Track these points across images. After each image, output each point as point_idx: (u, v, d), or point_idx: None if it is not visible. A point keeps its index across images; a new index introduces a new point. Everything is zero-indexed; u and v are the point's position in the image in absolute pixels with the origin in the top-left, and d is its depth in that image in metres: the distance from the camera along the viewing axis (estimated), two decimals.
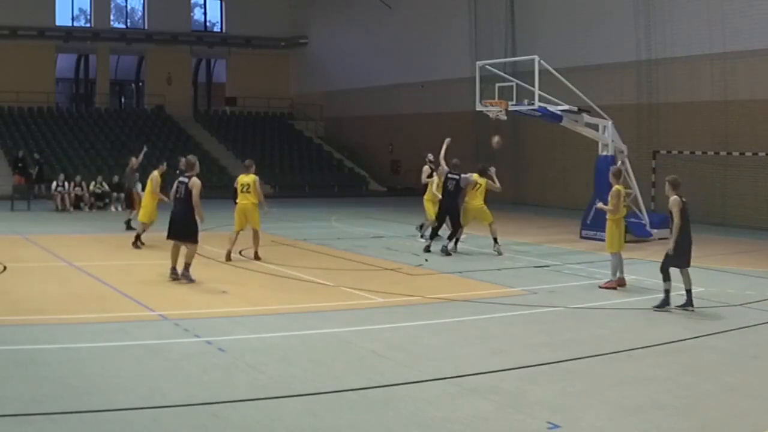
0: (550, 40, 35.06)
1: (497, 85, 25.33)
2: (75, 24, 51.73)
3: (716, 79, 30.32)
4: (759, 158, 28.24)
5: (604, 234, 23.67)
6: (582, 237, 24.82)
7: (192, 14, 55.08)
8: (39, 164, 37.67)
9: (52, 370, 9.86)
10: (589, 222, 24.92)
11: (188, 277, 16.12)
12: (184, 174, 16.65)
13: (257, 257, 19.27)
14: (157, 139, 46.92)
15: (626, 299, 15.46)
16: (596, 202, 24.80)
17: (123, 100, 58.35)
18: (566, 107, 24.65)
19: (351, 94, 50.77)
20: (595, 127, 25.25)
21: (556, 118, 24.62)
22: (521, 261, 20.45)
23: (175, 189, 16.56)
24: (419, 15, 44.82)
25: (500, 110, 24.34)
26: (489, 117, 25.09)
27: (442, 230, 21.69)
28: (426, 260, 19.83)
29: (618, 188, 16.64)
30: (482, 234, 22.19)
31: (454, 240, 21.46)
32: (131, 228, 24.47)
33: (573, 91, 24.77)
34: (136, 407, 8.62)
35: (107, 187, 33.80)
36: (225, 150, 47.92)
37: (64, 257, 19.04)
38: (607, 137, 25.07)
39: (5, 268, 17.01)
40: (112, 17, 52.78)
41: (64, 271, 17.30)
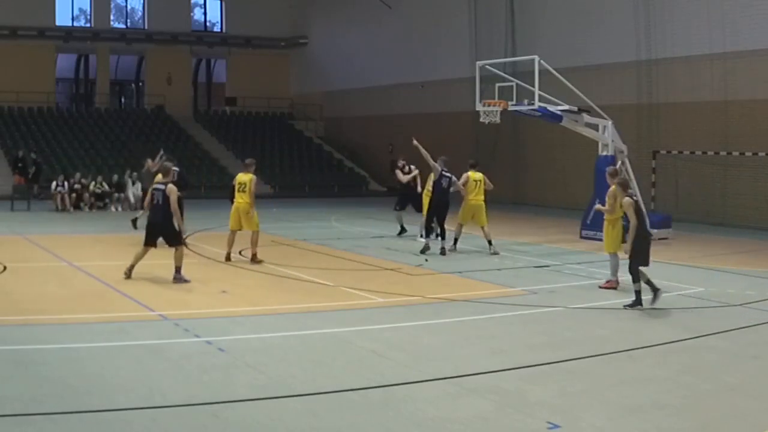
0: (550, 40, 35.06)
1: (497, 85, 25.33)
2: (75, 24, 51.75)
3: (716, 79, 30.31)
4: (759, 158, 28.24)
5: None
6: (582, 237, 24.81)
7: (192, 14, 55.07)
8: (36, 164, 37.66)
9: (52, 370, 9.86)
10: (589, 222, 24.90)
11: (181, 279, 16.14)
12: (161, 181, 16.60)
13: (254, 260, 18.96)
14: (157, 139, 46.85)
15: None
16: (596, 202, 24.85)
17: (123, 100, 58.35)
18: (566, 107, 24.65)
19: (351, 94, 50.78)
20: (595, 127, 25.25)
21: (556, 118, 24.63)
22: (521, 261, 20.45)
23: (151, 197, 16.71)
24: (419, 15, 44.83)
25: (496, 111, 24.30)
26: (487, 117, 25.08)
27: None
28: (426, 260, 19.84)
29: (615, 188, 16.67)
30: (481, 234, 22.17)
31: (454, 240, 21.48)
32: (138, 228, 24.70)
33: (573, 91, 24.77)
34: (136, 407, 8.62)
35: (107, 187, 33.80)
36: (225, 150, 47.92)
37: (64, 257, 19.04)
38: (607, 137, 25.06)
39: (5, 268, 17.01)
40: (112, 17, 52.78)
41: (64, 271, 17.31)
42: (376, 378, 9.87)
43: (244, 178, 19.15)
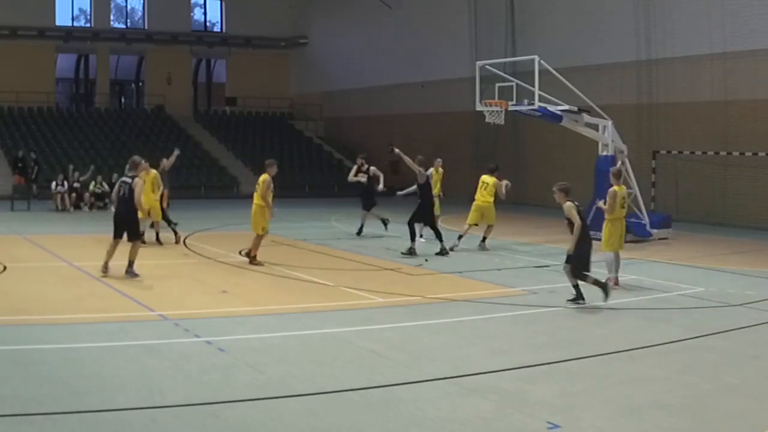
0: (550, 40, 35.05)
1: (497, 85, 25.34)
2: (75, 24, 51.75)
3: (716, 79, 30.31)
4: (759, 158, 28.25)
5: None
6: None
7: (192, 14, 55.07)
8: (36, 164, 37.64)
9: (52, 370, 9.86)
10: (589, 222, 24.85)
11: (132, 273, 16.33)
12: (128, 174, 16.96)
13: (252, 261, 18.59)
14: (157, 139, 46.91)
15: (626, 299, 15.46)
16: (596, 202, 24.85)
17: (123, 100, 58.36)
18: (566, 107, 24.65)
19: (351, 94, 50.77)
20: (595, 127, 25.26)
21: (556, 118, 24.62)
22: (521, 261, 20.46)
23: (118, 188, 16.99)
24: (419, 15, 44.83)
25: (500, 111, 24.33)
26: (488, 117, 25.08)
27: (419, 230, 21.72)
28: (426, 260, 19.83)
29: (615, 188, 16.72)
30: (480, 234, 22.17)
31: (458, 236, 21.56)
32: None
33: (573, 91, 24.77)
34: (136, 407, 8.62)
35: (107, 187, 33.76)
36: (225, 150, 47.93)
37: (64, 257, 19.04)
38: (607, 137, 25.07)
39: (5, 268, 17.01)
40: (112, 17, 52.79)
41: (64, 271, 17.30)
42: (376, 378, 9.87)
43: (259, 179, 19.19)
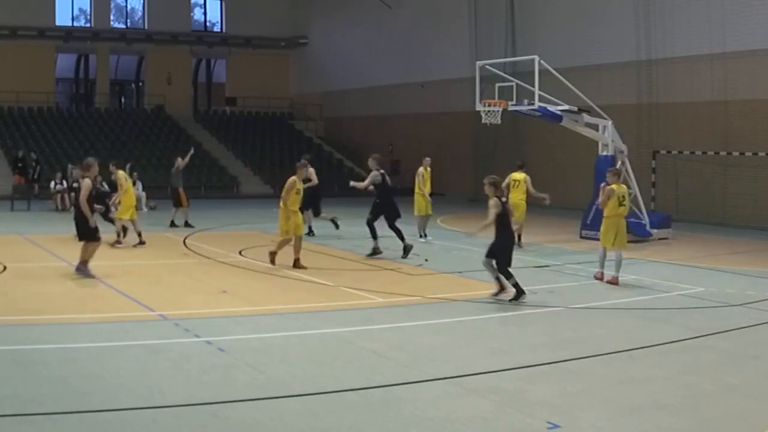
0: (550, 40, 35.07)
1: (497, 85, 25.35)
2: (75, 24, 51.79)
3: (716, 79, 30.32)
4: (759, 158, 28.26)
5: None
6: (582, 237, 24.82)
7: (192, 14, 55.11)
8: (37, 163, 37.63)
9: (52, 370, 9.86)
10: (589, 222, 24.93)
11: (85, 272, 16.31)
12: (80, 176, 17.19)
13: (272, 261, 18.56)
14: (157, 139, 46.99)
15: (626, 299, 15.46)
16: (596, 202, 24.86)
17: (123, 100, 58.40)
18: (566, 107, 24.66)
19: (351, 94, 50.79)
20: (595, 127, 25.26)
21: (556, 118, 24.63)
22: (521, 261, 20.40)
23: (75, 191, 17.60)
24: (419, 15, 44.84)
25: (497, 111, 24.34)
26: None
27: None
28: (426, 260, 19.83)
29: (613, 187, 16.76)
30: (480, 233, 22.13)
31: (518, 238, 21.63)
32: (174, 225, 26.43)
33: (573, 91, 24.78)
34: (136, 407, 8.62)
35: (107, 187, 33.69)
36: (225, 150, 47.95)
37: (64, 257, 19.03)
38: (607, 137, 25.08)
39: (5, 268, 17.02)
40: (112, 17, 52.83)
41: (64, 271, 17.29)
42: (376, 378, 9.87)
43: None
